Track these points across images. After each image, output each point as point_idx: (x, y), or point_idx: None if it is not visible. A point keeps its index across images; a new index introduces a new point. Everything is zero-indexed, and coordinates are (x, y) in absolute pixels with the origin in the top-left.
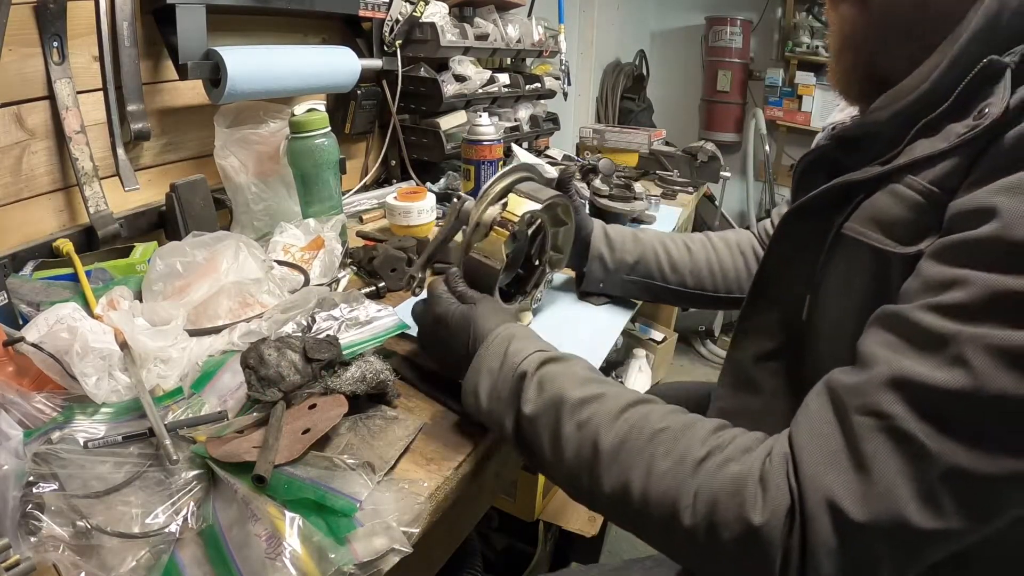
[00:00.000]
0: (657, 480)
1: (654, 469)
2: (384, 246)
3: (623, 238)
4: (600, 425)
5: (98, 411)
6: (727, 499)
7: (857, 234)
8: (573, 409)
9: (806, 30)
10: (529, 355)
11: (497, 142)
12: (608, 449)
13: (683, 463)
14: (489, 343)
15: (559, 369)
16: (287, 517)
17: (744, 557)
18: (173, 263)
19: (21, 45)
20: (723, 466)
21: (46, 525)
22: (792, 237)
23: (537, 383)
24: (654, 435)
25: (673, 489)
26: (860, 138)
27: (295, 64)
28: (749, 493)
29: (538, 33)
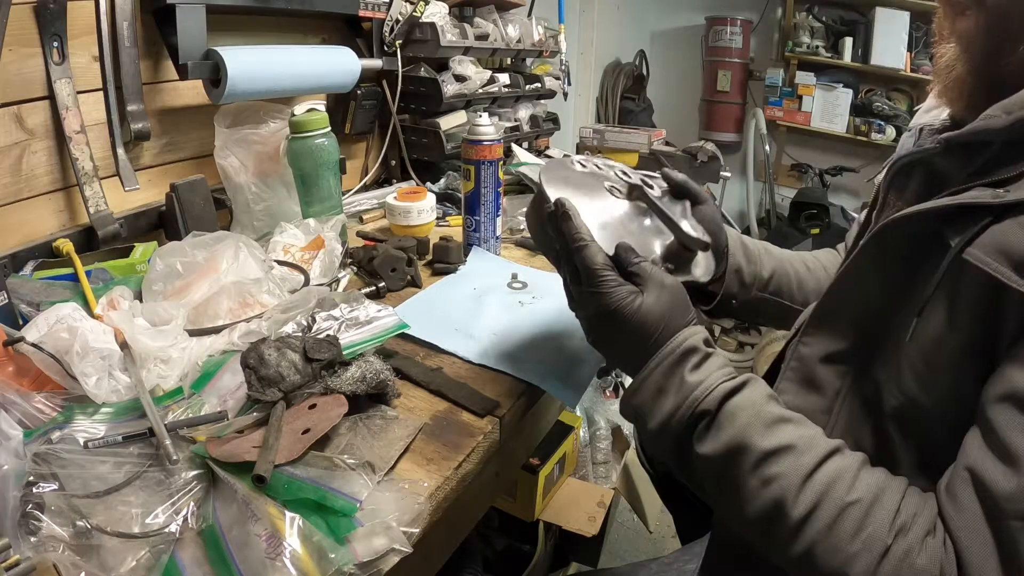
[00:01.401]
0: (845, 561)
1: (841, 549)
2: (384, 246)
3: (758, 249)
4: (788, 489)
5: (98, 411)
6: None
7: (982, 263)
8: (758, 463)
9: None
10: (711, 389)
11: (497, 142)
12: (796, 518)
13: (872, 548)
14: (664, 358)
15: (740, 404)
16: (287, 517)
17: None
18: (173, 263)
19: (21, 45)
20: (906, 557)
21: (46, 525)
22: (890, 244)
23: (717, 424)
24: (844, 510)
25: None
26: (970, 144)
27: (295, 64)
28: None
29: (538, 33)
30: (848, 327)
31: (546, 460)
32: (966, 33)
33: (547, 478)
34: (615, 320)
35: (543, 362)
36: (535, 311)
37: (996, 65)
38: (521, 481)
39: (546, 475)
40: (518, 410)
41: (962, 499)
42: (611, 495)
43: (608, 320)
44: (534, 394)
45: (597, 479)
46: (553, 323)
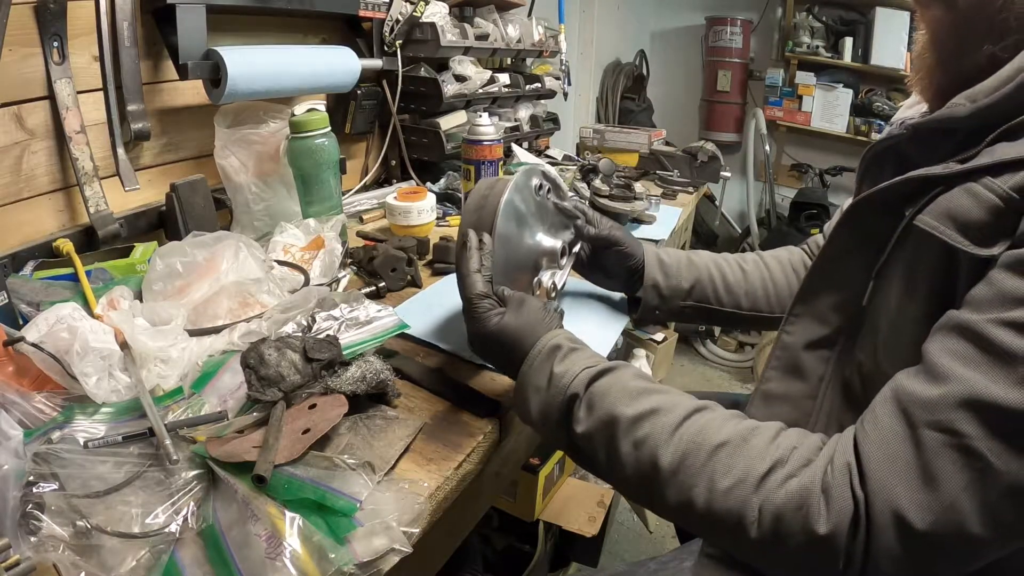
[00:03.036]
0: (721, 498)
1: (716, 487)
2: (384, 246)
3: (678, 263)
4: (657, 444)
5: (98, 411)
6: (792, 513)
7: (930, 227)
8: (627, 429)
9: (806, 30)
10: (577, 375)
11: (497, 142)
12: (667, 468)
13: (745, 481)
14: (532, 360)
15: (608, 384)
16: (287, 517)
17: (810, 562)
18: (173, 263)
19: (21, 45)
20: (785, 482)
21: (46, 525)
22: (859, 225)
23: (587, 404)
24: (713, 451)
25: (737, 507)
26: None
27: (295, 64)
28: (813, 505)
29: (538, 33)
30: (828, 312)
31: (546, 460)
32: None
33: (547, 478)
34: (487, 337)
35: None
36: None
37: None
38: (521, 481)
39: (546, 475)
40: None
41: (880, 415)
42: (611, 495)
43: (482, 339)
44: None
45: (597, 479)
46: None
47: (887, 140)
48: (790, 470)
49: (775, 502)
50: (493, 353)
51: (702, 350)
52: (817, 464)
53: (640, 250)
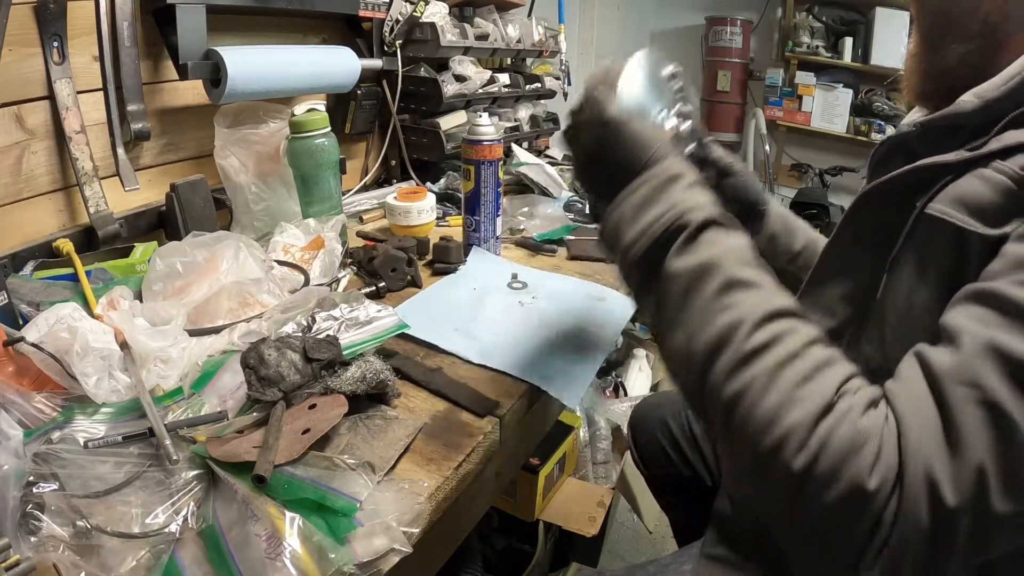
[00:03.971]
0: (783, 405)
1: (784, 390)
2: (384, 246)
3: (796, 224)
4: (745, 320)
5: (98, 411)
6: (845, 453)
7: (941, 214)
8: (723, 288)
9: (806, 30)
10: (699, 206)
11: (497, 142)
12: (745, 350)
13: (813, 400)
14: (656, 172)
15: (722, 237)
16: (287, 517)
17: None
18: (173, 263)
19: (21, 45)
20: (847, 416)
21: (46, 525)
22: (867, 215)
23: (696, 241)
24: (795, 355)
25: (794, 424)
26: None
27: (295, 64)
28: (868, 453)
29: (538, 33)
30: (836, 303)
31: (546, 460)
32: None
33: (547, 478)
34: (610, 128)
35: (543, 362)
36: (535, 311)
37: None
38: (521, 481)
39: (546, 475)
40: (518, 410)
41: (906, 375)
42: (611, 495)
43: (603, 128)
44: (534, 394)
45: (597, 479)
46: (553, 323)
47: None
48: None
49: (833, 435)
50: (606, 150)
51: None
52: (881, 410)
53: (758, 188)
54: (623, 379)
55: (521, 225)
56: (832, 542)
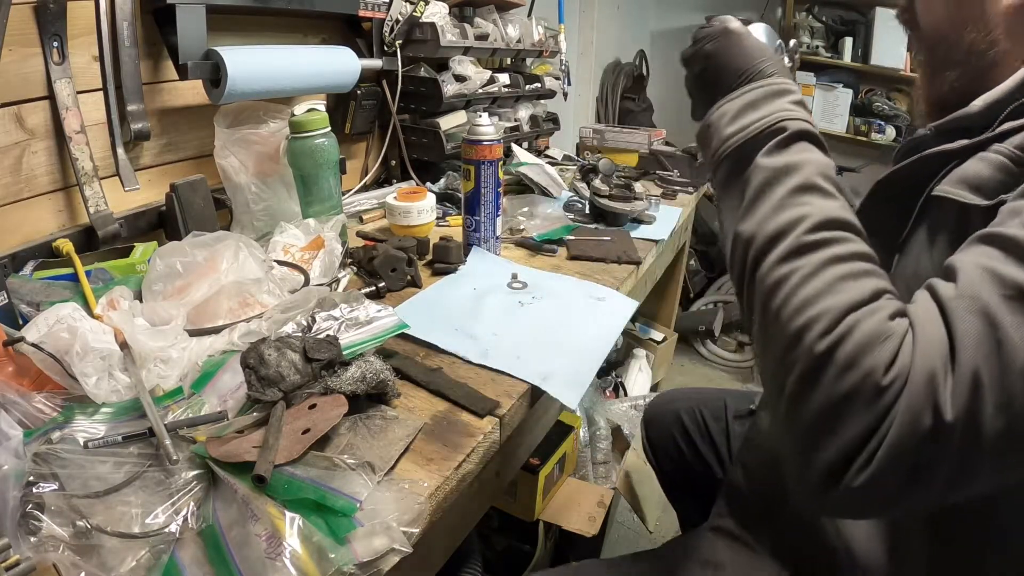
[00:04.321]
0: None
1: (824, 284)
2: (384, 246)
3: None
4: (808, 216)
5: (98, 411)
6: (866, 343)
7: (946, 193)
8: (799, 188)
9: (806, 30)
10: (800, 118)
11: (497, 142)
12: (800, 243)
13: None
14: (766, 83)
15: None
16: (287, 517)
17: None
18: (173, 263)
19: (21, 45)
20: (875, 314)
21: (46, 525)
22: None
23: (788, 146)
24: (842, 258)
25: (825, 310)
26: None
27: (295, 64)
28: (887, 348)
29: (538, 33)
30: None
31: (546, 460)
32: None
33: (547, 478)
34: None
35: (543, 362)
36: (535, 311)
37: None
38: (521, 481)
39: (546, 475)
40: (518, 410)
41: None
42: (611, 495)
43: (726, 35)
44: (534, 394)
45: (597, 479)
46: (553, 323)
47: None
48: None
49: (859, 326)
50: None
51: (702, 350)
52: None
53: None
54: (623, 379)
55: (521, 225)
56: (834, 434)
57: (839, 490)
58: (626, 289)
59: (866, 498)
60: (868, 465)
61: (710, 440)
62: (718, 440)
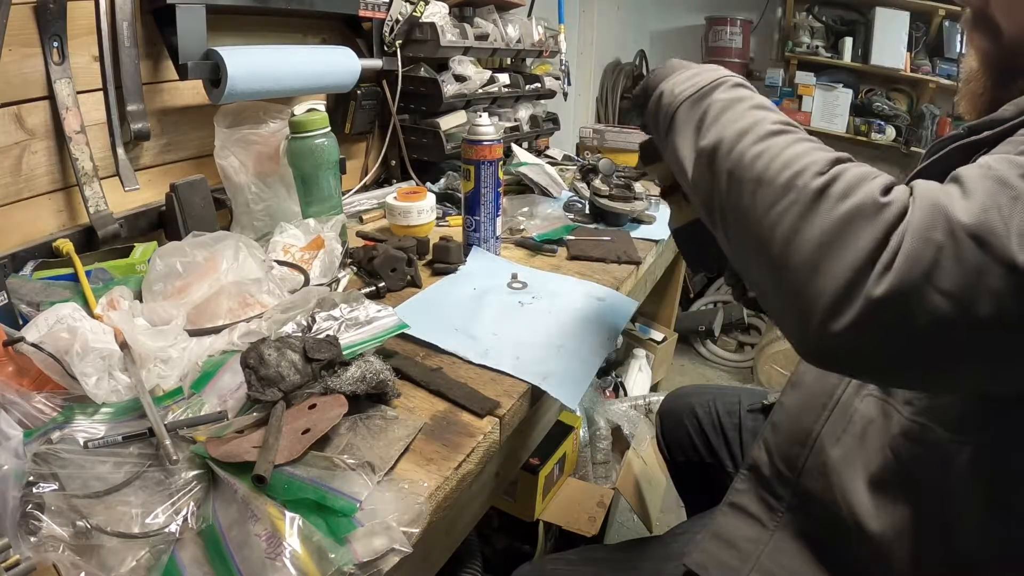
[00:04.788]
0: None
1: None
2: (384, 246)
3: None
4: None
5: (98, 411)
6: (860, 178)
7: None
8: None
9: (806, 30)
10: (732, 75)
11: (497, 142)
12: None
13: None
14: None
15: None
16: (287, 517)
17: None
18: (173, 263)
19: (21, 45)
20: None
21: (46, 525)
22: None
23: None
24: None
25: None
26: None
27: (295, 64)
28: (879, 182)
29: (538, 33)
30: None
31: (546, 460)
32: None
33: (547, 478)
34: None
35: (543, 362)
36: (535, 311)
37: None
38: (521, 481)
39: (546, 475)
40: (518, 410)
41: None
42: (611, 495)
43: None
44: (534, 394)
45: (597, 479)
46: (553, 323)
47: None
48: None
49: (849, 169)
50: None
51: (702, 350)
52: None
53: None
54: (623, 379)
55: (521, 225)
56: (841, 250)
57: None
58: (626, 289)
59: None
60: (887, 272)
61: (722, 434)
62: (730, 435)
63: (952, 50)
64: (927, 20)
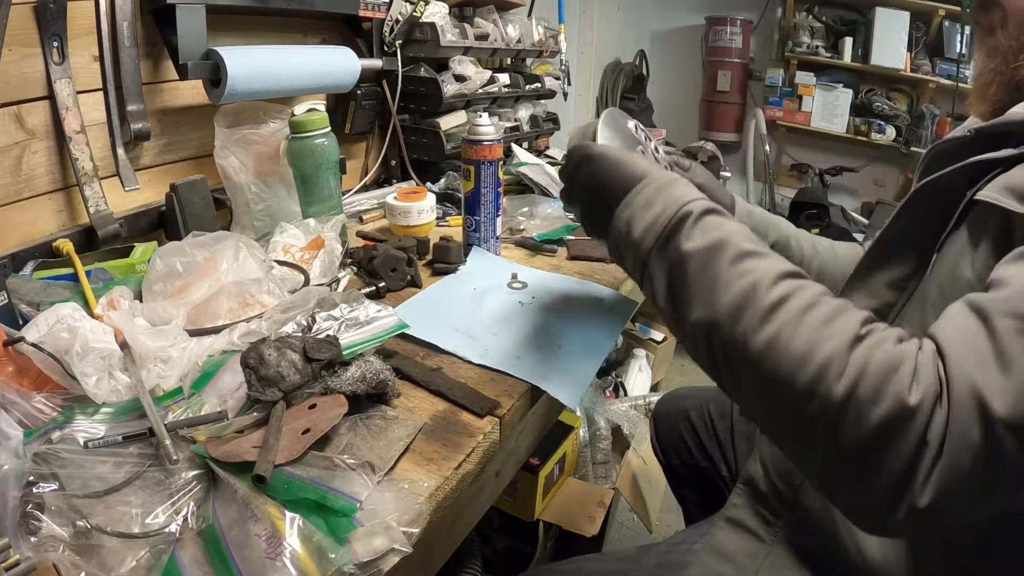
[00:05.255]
0: (815, 342)
1: (813, 331)
2: (384, 246)
3: (765, 219)
4: (762, 280)
5: (98, 411)
6: (884, 373)
7: (991, 199)
8: (736, 258)
9: (806, 30)
10: (696, 199)
11: (497, 142)
12: (768, 303)
13: (843, 334)
14: (650, 181)
15: (723, 220)
16: (287, 517)
17: (886, 435)
18: (173, 263)
19: (21, 45)
20: (880, 344)
21: (46, 525)
22: (924, 205)
23: (701, 226)
24: (815, 302)
25: (830, 352)
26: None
27: (295, 64)
28: (905, 372)
29: (538, 33)
30: (882, 288)
31: (546, 460)
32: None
33: (547, 478)
34: (599, 160)
35: (543, 362)
36: (535, 311)
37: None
38: (521, 481)
39: (546, 475)
40: (518, 410)
41: (952, 314)
42: (611, 495)
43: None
44: (534, 394)
45: (597, 479)
46: (553, 323)
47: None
48: (885, 338)
49: (870, 359)
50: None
51: None
52: (912, 342)
53: (729, 199)
54: (623, 379)
55: (521, 225)
56: (879, 466)
57: (904, 514)
58: (626, 289)
59: (935, 515)
60: (927, 485)
61: (715, 437)
62: (723, 437)
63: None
64: (927, 20)
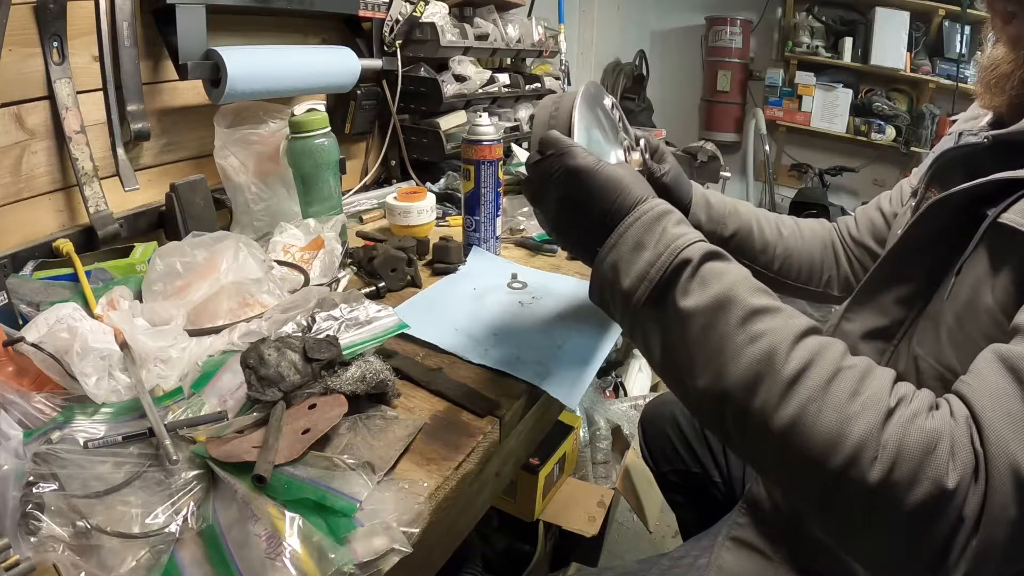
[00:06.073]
0: (844, 421)
1: (841, 407)
2: (384, 246)
3: (723, 208)
4: (778, 345)
5: (98, 411)
6: (921, 455)
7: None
8: (745, 318)
9: (806, 30)
10: (693, 242)
11: (497, 142)
12: (788, 375)
13: (873, 410)
14: (639, 215)
15: (725, 267)
16: (287, 517)
17: (923, 518)
18: (173, 263)
19: (21, 45)
20: (914, 420)
21: (46, 525)
22: (938, 222)
23: (700, 277)
24: (838, 369)
25: (863, 437)
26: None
27: (295, 64)
28: (942, 452)
29: (538, 33)
30: (891, 304)
31: (546, 460)
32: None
33: (547, 478)
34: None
35: (543, 362)
36: (535, 311)
37: None
38: (521, 481)
39: (546, 475)
40: (518, 410)
41: (984, 372)
42: (611, 495)
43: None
44: (534, 394)
45: (597, 479)
46: (553, 323)
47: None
48: (916, 409)
49: (905, 440)
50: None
51: None
52: (944, 411)
53: (689, 193)
54: (623, 379)
55: (521, 225)
56: (914, 547)
57: None
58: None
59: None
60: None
61: (706, 442)
62: (714, 444)
63: (952, 50)
64: (927, 20)
